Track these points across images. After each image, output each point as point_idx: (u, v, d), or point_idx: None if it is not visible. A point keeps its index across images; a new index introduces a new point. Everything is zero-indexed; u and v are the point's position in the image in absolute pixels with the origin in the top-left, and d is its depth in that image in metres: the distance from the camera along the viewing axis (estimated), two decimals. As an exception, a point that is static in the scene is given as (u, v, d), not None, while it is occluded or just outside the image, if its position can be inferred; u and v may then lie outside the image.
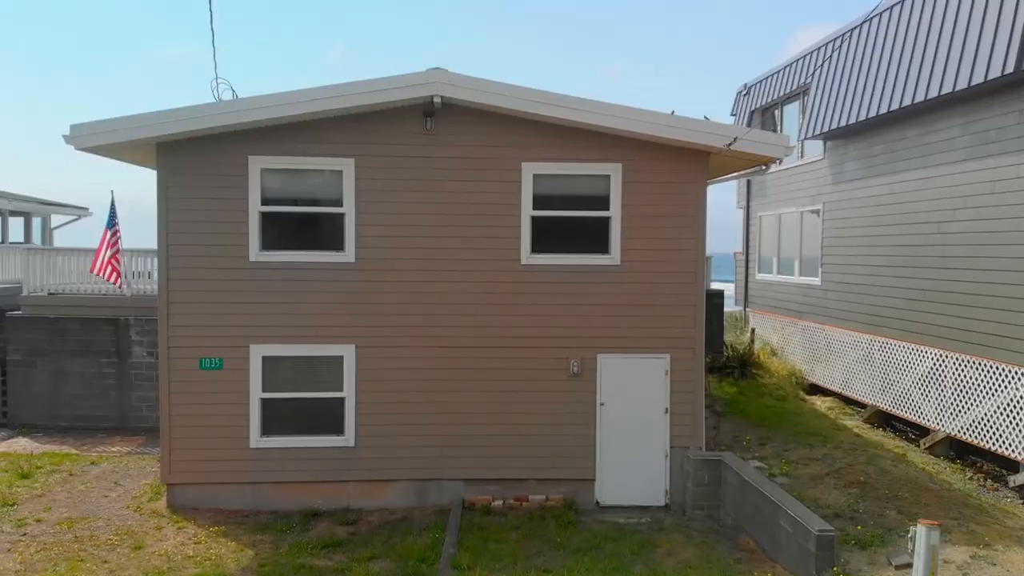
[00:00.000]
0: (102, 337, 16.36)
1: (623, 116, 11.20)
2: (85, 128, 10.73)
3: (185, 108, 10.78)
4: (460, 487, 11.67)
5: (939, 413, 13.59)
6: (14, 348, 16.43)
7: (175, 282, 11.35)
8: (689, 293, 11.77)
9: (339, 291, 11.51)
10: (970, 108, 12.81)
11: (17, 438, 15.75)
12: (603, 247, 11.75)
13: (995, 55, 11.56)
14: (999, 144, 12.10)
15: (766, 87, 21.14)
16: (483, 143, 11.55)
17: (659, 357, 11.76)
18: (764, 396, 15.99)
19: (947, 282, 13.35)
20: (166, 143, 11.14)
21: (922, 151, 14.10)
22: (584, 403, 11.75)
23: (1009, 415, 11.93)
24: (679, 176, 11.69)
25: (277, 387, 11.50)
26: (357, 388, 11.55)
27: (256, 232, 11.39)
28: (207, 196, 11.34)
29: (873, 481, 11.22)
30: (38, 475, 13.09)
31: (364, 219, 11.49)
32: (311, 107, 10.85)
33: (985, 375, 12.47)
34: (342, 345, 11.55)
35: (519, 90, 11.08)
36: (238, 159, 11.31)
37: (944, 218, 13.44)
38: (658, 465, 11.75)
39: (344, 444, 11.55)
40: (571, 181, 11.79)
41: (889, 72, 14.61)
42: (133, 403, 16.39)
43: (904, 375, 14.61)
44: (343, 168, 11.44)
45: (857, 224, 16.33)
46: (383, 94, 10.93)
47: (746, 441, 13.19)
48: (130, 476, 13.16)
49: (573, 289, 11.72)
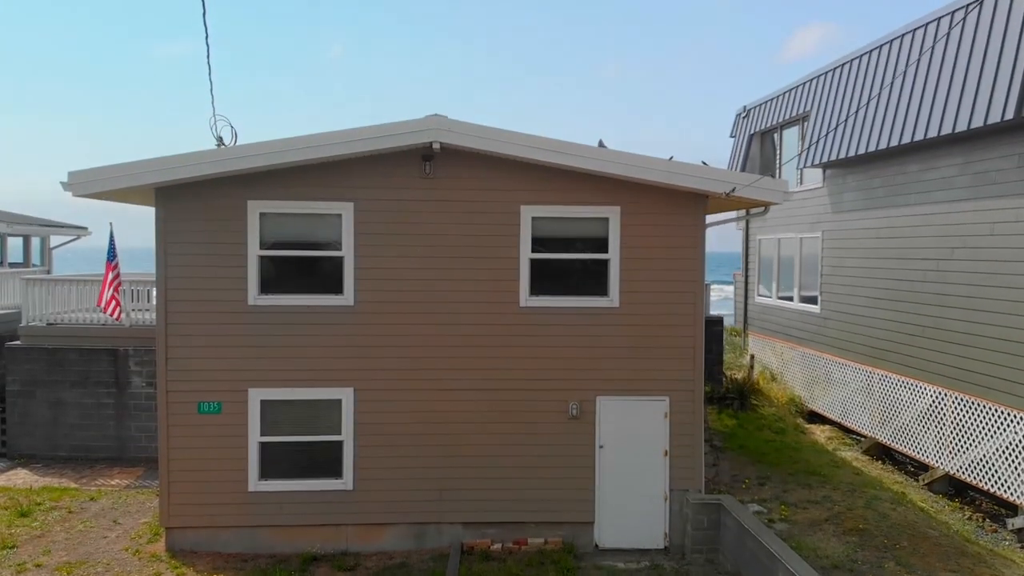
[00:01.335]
0: (101, 367, 16.37)
1: (621, 162, 11.19)
2: (82, 176, 10.72)
3: (183, 155, 10.77)
4: (459, 530, 11.67)
5: (938, 450, 13.59)
6: (13, 379, 16.43)
7: (174, 326, 11.34)
8: (688, 335, 11.76)
9: (338, 334, 11.51)
10: (970, 147, 12.81)
11: (16, 469, 15.75)
12: (602, 289, 11.74)
13: (995, 99, 11.55)
14: (999, 186, 12.09)
15: (766, 111, 21.14)
16: (482, 186, 11.54)
17: (658, 399, 11.76)
18: (763, 429, 15.98)
19: (946, 320, 13.35)
20: (165, 187, 11.14)
21: (921, 187, 14.09)
22: (583, 445, 11.74)
23: (1008, 458, 11.93)
24: (678, 219, 11.69)
25: (275, 431, 11.50)
26: (355, 431, 11.55)
27: (255, 276, 11.38)
28: (206, 240, 11.33)
29: (872, 528, 11.21)
30: (37, 513, 13.09)
31: (363, 262, 11.49)
32: (309, 154, 10.84)
33: (984, 416, 12.46)
34: (340, 388, 11.54)
35: (517, 136, 11.08)
36: (237, 203, 11.31)
37: (943, 256, 13.44)
38: (657, 508, 11.75)
39: (342, 487, 11.55)
40: (570, 223, 11.79)
41: (889, 106, 14.61)
42: (132, 433, 16.39)
43: (904, 410, 14.60)
44: (342, 212, 11.44)
45: (856, 255, 16.32)
46: (382, 141, 10.92)
47: (745, 483, 13.17)
48: (129, 514, 13.16)
49: (572, 331, 11.71)
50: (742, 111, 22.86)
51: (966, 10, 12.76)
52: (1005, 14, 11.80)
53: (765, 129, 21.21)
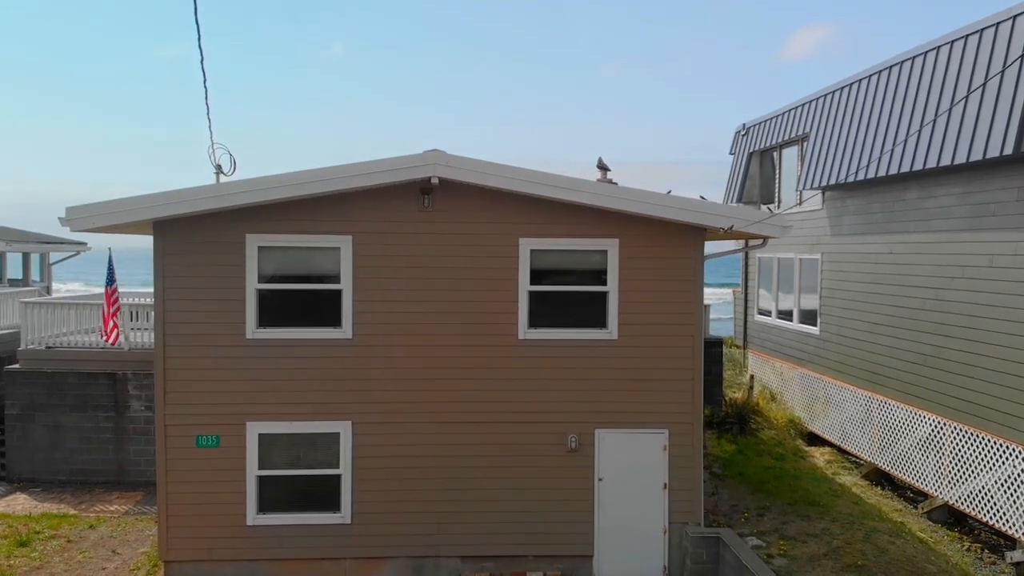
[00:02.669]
0: (100, 391, 16.37)
1: (619, 197, 11.20)
2: (80, 211, 10.70)
3: (181, 191, 10.77)
4: (457, 564, 11.66)
5: (938, 479, 13.57)
6: (12, 402, 16.44)
7: (172, 360, 11.33)
8: (687, 368, 11.75)
9: (336, 367, 11.50)
10: (969, 178, 12.79)
11: (16, 494, 15.75)
12: (600, 321, 11.73)
13: (994, 132, 11.53)
14: (998, 219, 12.07)
15: (765, 130, 21.13)
16: (480, 219, 11.54)
17: (658, 432, 11.74)
18: (763, 455, 15.97)
19: (945, 350, 13.33)
20: (163, 221, 11.13)
21: (921, 215, 14.08)
22: (582, 478, 11.73)
23: (1007, 491, 11.91)
24: (676, 251, 11.68)
25: (274, 464, 11.49)
26: (353, 465, 11.53)
27: (253, 309, 11.37)
28: (204, 273, 11.32)
29: (871, 563, 11.20)
30: (36, 542, 13.08)
31: (361, 295, 11.48)
32: (307, 190, 10.83)
33: (983, 448, 12.44)
34: (338, 422, 11.53)
35: (515, 171, 11.08)
36: (235, 237, 11.30)
37: (942, 285, 13.42)
38: (656, 541, 11.73)
39: (340, 521, 11.53)
40: (569, 256, 11.79)
41: (888, 133, 14.59)
42: (131, 457, 16.39)
43: (903, 437, 14.58)
44: (340, 245, 11.43)
45: (856, 278, 16.31)
46: (380, 176, 10.91)
47: (744, 516, 13.16)
48: (128, 543, 13.15)
49: (571, 363, 11.70)
50: (741, 129, 22.85)
51: (965, 40, 12.74)
52: (1004, 46, 11.79)
53: (764, 148, 21.20)
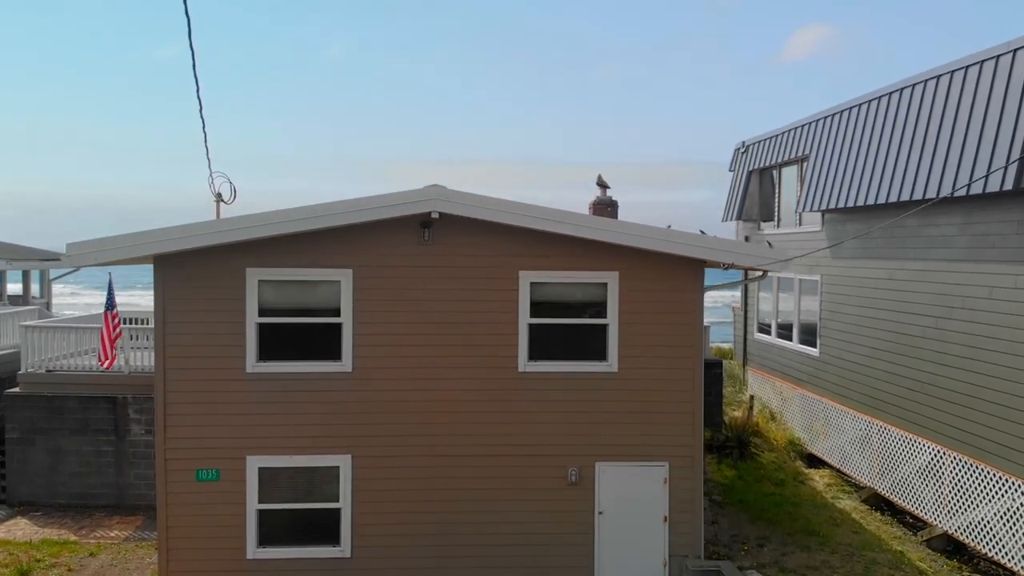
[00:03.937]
0: (100, 415, 16.36)
1: (620, 231, 11.22)
2: (81, 247, 10.73)
3: (181, 227, 10.78)
4: (457, 597, 11.66)
5: (937, 508, 13.57)
6: (12, 426, 16.44)
7: (172, 394, 11.34)
8: (687, 400, 11.77)
9: (336, 401, 11.51)
10: (970, 208, 12.79)
11: (16, 519, 15.74)
12: (600, 354, 11.75)
13: (994, 165, 11.53)
14: (998, 251, 12.08)
15: (765, 148, 21.13)
16: (480, 252, 11.56)
17: (658, 465, 11.75)
18: (763, 480, 15.97)
19: (945, 379, 13.32)
20: (163, 256, 11.14)
21: (920, 243, 14.08)
22: (582, 512, 11.73)
23: (1006, 524, 11.91)
24: (676, 284, 11.70)
25: (274, 498, 11.50)
26: (353, 498, 11.54)
27: (253, 343, 11.38)
28: (205, 307, 11.34)
29: (870, 599, 11.21)
30: (36, 571, 13.07)
31: (362, 328, 11.49)
32: (307, 225, 10.86)
33: (982, 479, 12.44)
34: (338, 455, 11.54)
35: (514, 205, 11.10)
36: (235, 271, 11.32)
37: (942, 314, 13.42)
38: (656, 574, 11.73)
39: (340, 555, 11.53)
40: (568, 288, 11.81)
41: (888, 160, 14.60)
42: (131, 481, 16.38)
43: (902, 464, 14.58)
44: (341, 279, 11.44)
45: (855, 302, 16.31)
46: (381, 212, 10.95)
47: (744, 548, 13.15)
48: (128, 572, 13.13)
49: (571, 396, 11.72)
50: (741, 146, 22.86)
51: (965, 71, 12.75)
52: (1005, 79, 11.79)
53: (764, 167, 21.21)
